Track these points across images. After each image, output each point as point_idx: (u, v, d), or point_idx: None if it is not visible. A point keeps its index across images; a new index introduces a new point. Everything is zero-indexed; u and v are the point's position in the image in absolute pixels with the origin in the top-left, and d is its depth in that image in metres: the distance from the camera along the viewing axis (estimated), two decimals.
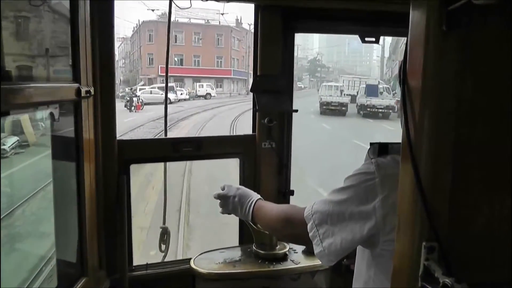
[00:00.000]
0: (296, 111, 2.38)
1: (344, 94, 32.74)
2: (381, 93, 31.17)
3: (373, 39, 2.49)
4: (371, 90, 30.89)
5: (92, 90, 1.91)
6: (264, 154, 2.41)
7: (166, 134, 2.59)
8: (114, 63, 2.14)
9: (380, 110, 29.34)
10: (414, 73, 1.11)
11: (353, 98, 34.05)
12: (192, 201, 8.76)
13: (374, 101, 29.81)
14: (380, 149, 1.31)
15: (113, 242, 2.18)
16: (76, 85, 1.80)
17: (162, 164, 2.63)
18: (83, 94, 1.82)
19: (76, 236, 1.96)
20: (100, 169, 2.06)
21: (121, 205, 2.17)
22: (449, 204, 1.07)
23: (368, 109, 29.65)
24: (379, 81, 37.53)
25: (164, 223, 2.57)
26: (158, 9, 47.86)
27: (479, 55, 1.05)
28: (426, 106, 1.07)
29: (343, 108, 30.49)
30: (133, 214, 2.36)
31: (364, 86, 33.07)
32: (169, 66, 2.70)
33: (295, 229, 1.46)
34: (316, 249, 1.35)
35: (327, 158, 13.85)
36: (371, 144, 1.33)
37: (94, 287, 2.02)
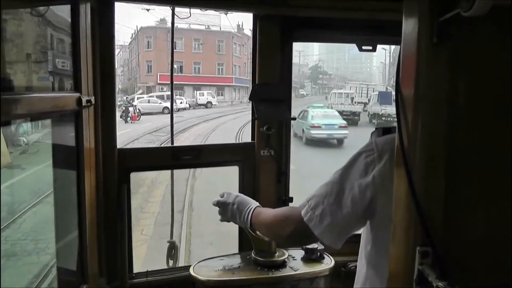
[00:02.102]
0: (294, 118, 2.42)
1: (355, 102, 31.61)
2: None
3: (370, 48, 2.53)
4: (385, 98, 29.29)
5: (92, 100, 1.94)
6: (263, 161, 2.43)
7: (172, 143, 2.62)
8: (114, 72, 2.17)
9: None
10: (407, 82, 1.13)
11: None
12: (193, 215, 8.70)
13: (389, 109, 27.90)
14: (384, 133, 1.41)
15: (113, 249, 2.20)
16: (77, 94, 1.83)
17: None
18: (84, 103, 1.84)
19: (77, 244, 1.98)
20: (100, 178, 2.08)
21: (122, 213, 2.19)
22: (443, 209, 1.10)
23: (383, 118, 28.18)
24: (387, 87, 36.81)
25: (171, 237, 2.59)
26: (154, 9, 47.58)
27: (470, 65, 1.08)
28: (419, 114, 1.09)
29: (356, 117, 29.10)
30: None
31: (374, 93, 31.97)
32: (167, 73, 2.78)
33: (293, 225, 1.47)
34: (316, 231, 1.38)
35: None
36: (376, 128, 1.43)
37: None
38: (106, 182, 2.12)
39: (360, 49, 2.53)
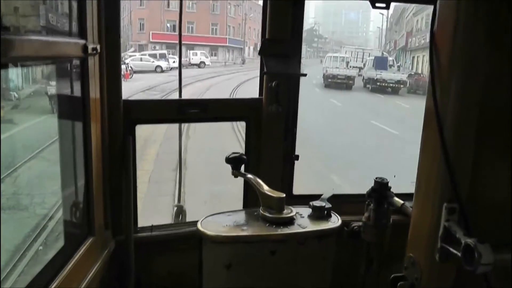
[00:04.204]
0: (305, 75, 2.36)
1: (351, 67, 31.18)
2: (391, 66, 29.71)
3: (384, 5, 2.43)
4: (381, 63, 29.35)
5: (98, 48, 1.86)
6: (270, 118, 2.38)
7: (180, 96, 2.55)
8: (120, 21, 2.07)
9: (391, 85, 27.72)
10: (444, 33, 1.07)
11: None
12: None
13: (385, 75, 28.13)
14: None
15: (118, 202, 2.17)
16: (82, 41, 1.75)
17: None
18: (89, 51, 1.77)
19: (83, 196, 1.95)
20: (105, 130, 2.02)
21: (127, 165, 2.15)
22: (472, 167, 1.07)
23: (378, 83, 27.89)
24: (383, 52, 36.56)
25: (179, 201, 2.55)
26: None
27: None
28: (455, 67, 1.05)
29: (350, 82, 28.81)
30: None
31: (370, 58, 31.71)
32: (160, 32, 2.70)
33: None
34: None
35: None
36: None
37: (100, 247, 2.02)
38: (111, 134, 2.07)
39: (374, 6, 2.43)
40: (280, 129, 2.41)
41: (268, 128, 2.40)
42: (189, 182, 8.65)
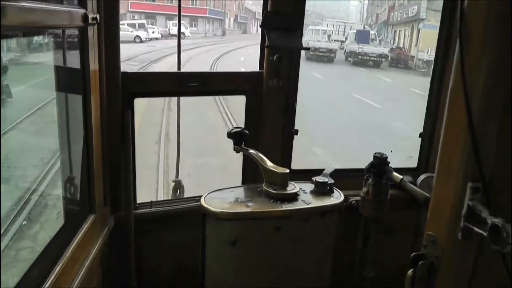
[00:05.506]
0: (308, 49, 2.33)
1: (332, 40, 31.22)
2: (372, 40, 29.86)
3: None
4: (362, 37, 29.47)
5: (98, 17, 1.77)
6: (271, 91, 2.34)
7: (179, 68, 2.47)
8: None
9: (373, 58, 28.00)
10: (477, 5, 1.04)
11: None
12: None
13: (366, 48, 28.37)
14: None
15: (116, 178, 2.12)
16: (82, 10, 1.66)
17: None
18: (89, 20, 1.68)
19: (82, 173, 1.89)
20: (104, 103, 1.95)
21: (126, 140, 2.09)
22: (497, 146, 1.06)
23: (360, 57, 28.17)
24: (364, 26, 36.60)
25: (177, 176, 2.50)
26: None
27: None
28: (487, 45, 1.02)
29: (332, 55, 28.78)
30: None
31: (352, 31, 31.65)
32: (138, 1, 2.57)
33: None
34: None
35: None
36: None
37: (101, 224, 1.98)
38: (110, 108, 1.99)
39: None
40: (280, 103, 2.38)
41: (268, 102, 2.36)
42: (172, 155, 8.59)
